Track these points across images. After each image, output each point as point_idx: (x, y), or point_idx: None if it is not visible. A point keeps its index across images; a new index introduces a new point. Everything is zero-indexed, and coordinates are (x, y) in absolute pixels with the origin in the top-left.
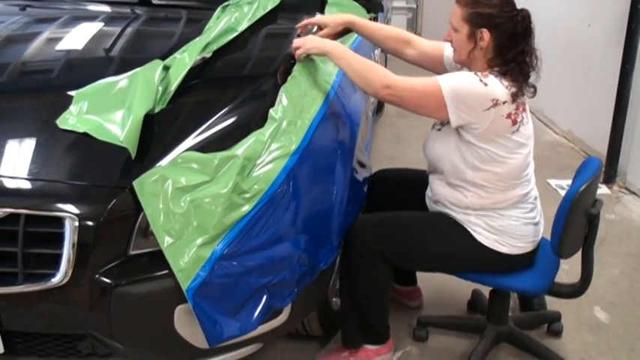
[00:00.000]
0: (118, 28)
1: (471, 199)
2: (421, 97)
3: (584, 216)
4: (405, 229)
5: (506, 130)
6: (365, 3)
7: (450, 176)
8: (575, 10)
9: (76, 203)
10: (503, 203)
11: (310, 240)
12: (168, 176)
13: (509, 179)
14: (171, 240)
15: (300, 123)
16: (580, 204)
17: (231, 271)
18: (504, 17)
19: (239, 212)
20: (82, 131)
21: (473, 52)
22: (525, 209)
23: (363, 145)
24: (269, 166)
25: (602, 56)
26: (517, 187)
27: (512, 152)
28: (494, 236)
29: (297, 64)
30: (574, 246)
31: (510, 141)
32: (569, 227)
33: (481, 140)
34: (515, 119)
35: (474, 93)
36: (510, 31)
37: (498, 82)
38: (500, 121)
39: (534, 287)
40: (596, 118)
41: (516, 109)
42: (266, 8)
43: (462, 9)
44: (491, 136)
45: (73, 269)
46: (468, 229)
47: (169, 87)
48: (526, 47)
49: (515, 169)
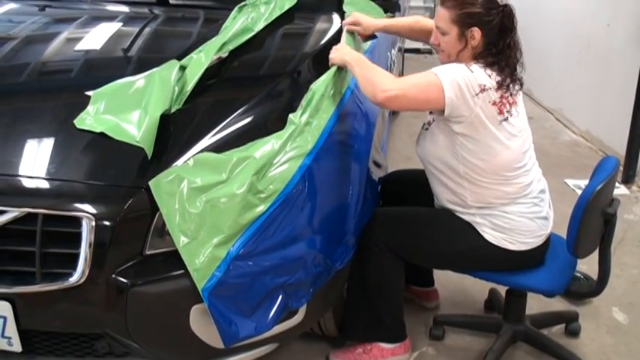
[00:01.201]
0: (136, 28)
1: (469, 197)
2: (423, 90)
3: (600, 215)
4: (415, 224)
5: (492, 118)
6: (382, 3)
7: (444, 174)
8: (593, 10)
9: (93, 203)
10: (502, 199)
11: (326, 240)
12: (184, 176)
13: (503, 171)
14: (187, 240)
15: (316, 123)
16: (596, 203)
17: (246, 271)
18: (492, 14)
19: (254, 212)
20: (99, 131)
21: (462, 52)
22: (528, 204)
23: (379, 145)
24: (285, 166)
25: (621, 56)
26: (512, 180)
27: (502, 143)
28: (501, 234)
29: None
30: (590, 246)
31: (499, 130)
32: (585, 227)
33: (470, 129)
34: (500, 109)
35: (466, 78)
36: (498, 27)
37: (482, 71)
38: (487, 107)
39: (549, 286)
40: (614, 118)
41: (500, 98)
42: (283, 8)
43: (450, 11)
44: (479, 125)
45: (90, 269)
46: (476, 227)
47: (185, 87)
48: (511, 40)
49: (507, 161)
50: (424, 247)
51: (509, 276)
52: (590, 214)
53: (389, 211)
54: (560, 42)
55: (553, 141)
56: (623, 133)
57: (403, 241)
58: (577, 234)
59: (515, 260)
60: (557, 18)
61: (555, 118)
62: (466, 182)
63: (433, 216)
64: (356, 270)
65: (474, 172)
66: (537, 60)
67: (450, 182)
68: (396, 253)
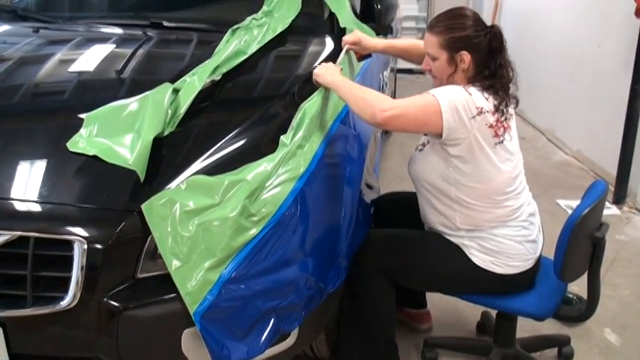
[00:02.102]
0: (129, 50)
1: (459, 220)
2: (422, 110)
3: (588, 239)
4: (404, 247)
5: (488, 141)
6: (374, 25)
7: (435, 197)
8: (584, 31)
9: (85, 226)
10: (491, 222)
11: (318, 263)
12: (176, 199)
13: (494, 194)
14: (179, 263)
15: (308, 146)
16: (583, 227)
17: (238, 295)
18: (479, 36)
19: (247, 235)
20: (92, 154)
21: (453, 76)
22: (517, 227)
23: (371, 167)
24: (277, 189)
25: (611, 77)
26: (503, 203)
27: (496, 166)
28: (489, 257)
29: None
30: (578, 269)
31: (494, 153)
32: (572, 251)
33: (466, 152)
34: (496, 132)
35: (464, 100)
36: (487, 49)
37: (480, 94)
38: (483, 130)
39: (539, 310)
40: (606, 139)
41: (497, 121)
42: (275, 31)
43: (437, 37)
44: (475, 147)
45: (82, 292)
46: (464, 250)
47: (179, 110)
48: (502, 60)
49: (500, 185)
50: (413, 269)
51: (498, 299)
52: (577, 238)
53: (379, 233)
54: (552, 63)
55: (545, 161)
56: (614, 154)
57: (392, 264)
58: (564, 258)
59: (503, 284)
60: (549, 39)
61: (547, 138)
62: (457, 205)
63: (422, 238)
64: (348, 292)
65: (465, 195)
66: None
67: (441, 205)
68: (386, 275)
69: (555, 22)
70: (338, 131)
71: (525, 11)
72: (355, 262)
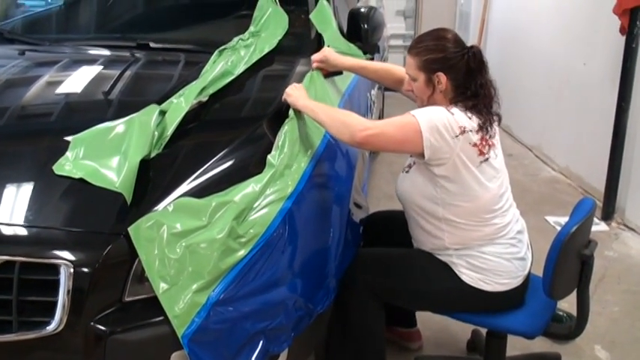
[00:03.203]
0: (116, 72)
1: (447, 240)
2: (400, 129)
3: (576, 257)
4: (393, 265)
5: (473, 160)
6: (361, 45)
7: (422, 217)
8: (571, 49)
9: (72, 250)
10: (479, 240)
11: (307, 283)
12: (163, 222)
13: (481, 213)
14: (167, 286)
15: (296, 166)
16: (571, 245)
17: (227, 317)
18: (456, 57)
19: (235, 257)
20: (78, 177)
21: (433, 96)
22: (505, 245)
23: (359, 186)
24: (265, 209)
25: (598, 94)
26: (490, 221)
27: (482, 184)
28: (477, 275)
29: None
30: (567, 287)
31: (479, 171)
32: (561, 268)
33: (451, 171)
34: (481, 150)
35: (445, 120)
36: (464, 69)
37: (463, 113)
38: (467, 149)
39: (528, 328)
40: (593, 155)
41: (481, 139)
42: (262, 51)
43: (415, 59)
44: (460, 166)
45: (68, 317)
46: (453, 268)
47: (165, 132)
48: (482, 80)
49: (486, 203)
50: (402, 288)
51: (487, 317)
52: (565, 256)
53: (368, 252)
54: (539, 80)
55: (533, 178)
56: (601, 170)
57: (381, 283)
58: (552, 276)
59: (492, 301)
60: (535, 57)
61: (535, 155)
62: (444, 224)
63: (411, 257)
64: (337, 311)
65: (452, 215)
66: (516, 97)
67: (429, 225)
68: (375, 295)
69: (541, 40)
70: (326, 150)
71: (511, 29)
72: (344, 281)
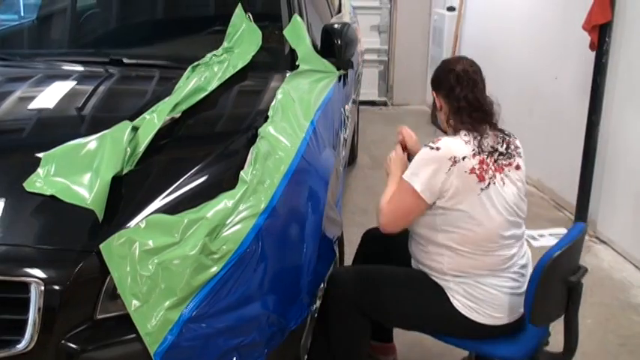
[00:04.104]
0: (88, 87)
1: (447, 264)
2: (398, 200)
3: (562, 283)
4: (383, 283)
5: (473, 187)
6: (334, 61)
7: (423, 240)
8: (542, 64)
9: (42, 267)
10: (479, 270)
11: (280, 299)
12: (135, 239)
13: (484, 242)
14: (139, 303)
15: (269, 182)
16: (555, 270)
17: (199, 334)
18: (442, 76)
19: (207, 273)
20: (50, 194)
21: (447, 119)
22: (505, 278)
23: (333, 202)
24: (238, 226)
25: (569, 108)
26: (494, 252)
27: (483, 213)
28: (471, 304)
29: (264, 126)
30: (551, 313)
31: (480, 200)
32: (543, 294)
33: (452, 202)
34: (481, 175)
35: (430, 162)
36: (448, 85)
37: (454, 140)
38: (464, 177)
39: (514, 355)
40: (565, 168)
41: (480, 163)
42: (236, 67)
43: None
44: (460, 196)
45: (39, 335)
46: (447, 292)
47: (138, 148)
48: (469, 95)
49: (490, 232)
50: (390, 307)
51: (472, 342)
52: (548, 281)
53: (358, 268)
54: (511, 95)
55: None
56: (573, 183)
57: (370, 301)
58: (533, 301)
59: (481, 331)
60: (507, 72)
61: None
62: (445, 249)
63: (402, 275)
64: (321, 327)
65: (453, 242)
66: None
67: (428, 247)
68: (363, 312)
69: (514, 55)
70: (299, 166)
71: (484, 45)
72: (332, 296)
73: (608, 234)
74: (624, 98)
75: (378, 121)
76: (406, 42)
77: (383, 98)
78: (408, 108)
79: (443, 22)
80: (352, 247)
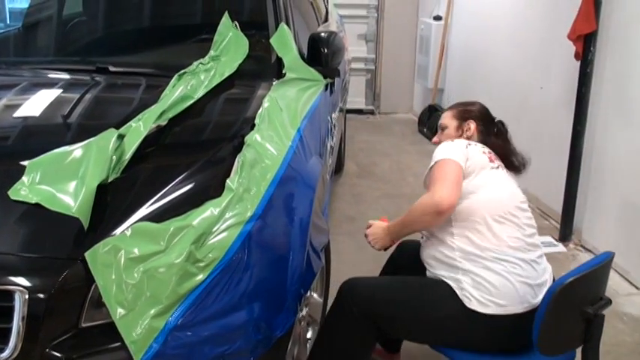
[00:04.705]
0: (74, 95)
1: (458, 244)
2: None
3: (577, 314)
4: (397, 294)
5: (485, 164)
6: (321, 69)
7: (437, 230)
8: (528, 74)
9: (27, 276)
10: (488, 250)
11: (266, 307)
12: (121, 247)
13: (496, 213)
14: (124, 311)
15: (255, 190)
16: (568, 299)
17: (185, 342)
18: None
19: (193, 281)
20: (34, 202)
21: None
22: (513, 264)
23: (319, 210)
24: (224, 234)
25: (554, 117)
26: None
27: (495, 184)
28: (480, 293)
29: (251, 134)
30: (564, 345)
31: (494, 173)
32: (553, 323)
33: (470, 177)
34: (491, 158)
35: (451, 146)
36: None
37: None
38: (479, 155)
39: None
40: (551, 177)
41: (489, 152)
42: (223, 75)
43: (452, 111)
44: (476, 169)
45: (23, 343)
46: (456, 290)
47: (124, 156)
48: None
49: (501, 204)
50: (402, 315)
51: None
52: (559, 310)
53: (374, 279)
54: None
55: None
56: (559, 192)
57: (383, 310)
58: (541, 329)
59: (492, 329)
60: (494, 81)
61: None
62: (454, 223)
63: (416, 284)
64: (324, 337)
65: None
66: None
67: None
68: (375, 321)
69: (500, 64)
70: (286, 174)
71: (470, 54)
72: (345, 304)
73: (593, 242)
74: (609, 108)
75: (365, 129)
76: (393, 51)
77: (370, 107)
78: (395, 116)
79: (429, 31)
80: (339, 255)
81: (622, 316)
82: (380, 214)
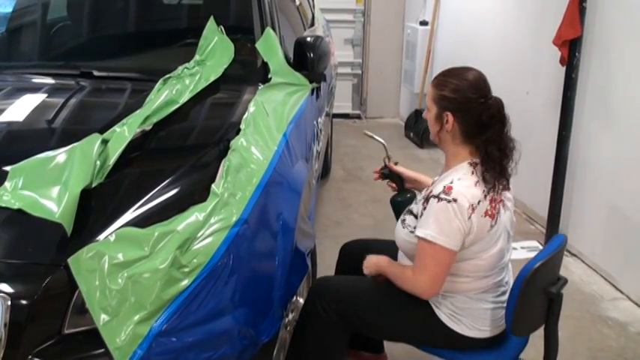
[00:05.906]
0: (58, 100)
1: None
2: (434, 264)
3: (542, 294)
4: (365, 293)
5: (485, 227)
6: (307, 74)
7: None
8: (514, 79)
9: (9, 282)
10: (472, 291)
11: (251, 313)
12: (104, 252)
13: (485, 270)
14: (108, 317)
15: (241, 195)
16: (536, 282)
17: (169, 348)
18: (468, 104)
19: (178, 287)
20: (17, 207)
21: (440, 133)
22: (494, 294)
23: (305, 215)
24: (209, 239)
25: (540, 122)
26: (489, 277)
27: (488, 247)
28: (457, 317)
29: (236, 138)
30: (531, 324)
31: (490, 234)
32: (524, 305)
33: (468, 244)
34: (492, 214)
35: (452, 217)
36: (475, 118)
37: (464, 184)
38: (481, 221)
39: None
40: (536, 182)
41: (491, 202)
42: (208, 80)
43: (433, 90)
44: (475, 237)
45: (5, 350)
46: (431, 305)
47: (108, 161)
48: (493, 135)
49: (493, 259)
50: (372, 317)
51: (453, 353)
52: (528, 292)
53: (341, 278)
54: None
55: None
56: (545, 197)
57: (352, 310)
58: (514, 312)
59: (466, 343)
60: None
61: None
62: None
63: (388, 288)
64: (297, 339)
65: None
66: None
67: None
68: (344, 321)
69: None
70: (271, 179)
71: (457, 59)
72: (313, 304)
73: (578, 247)
74: (594, 113)
75: (351, 133)
76: (380, 55)
77: (357, 111)
78: (381, 121)
79: (416, 36)
80: (325, 260)
81: (607, 320)
82: (366, 219)
